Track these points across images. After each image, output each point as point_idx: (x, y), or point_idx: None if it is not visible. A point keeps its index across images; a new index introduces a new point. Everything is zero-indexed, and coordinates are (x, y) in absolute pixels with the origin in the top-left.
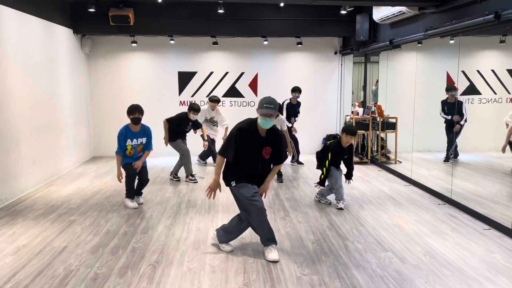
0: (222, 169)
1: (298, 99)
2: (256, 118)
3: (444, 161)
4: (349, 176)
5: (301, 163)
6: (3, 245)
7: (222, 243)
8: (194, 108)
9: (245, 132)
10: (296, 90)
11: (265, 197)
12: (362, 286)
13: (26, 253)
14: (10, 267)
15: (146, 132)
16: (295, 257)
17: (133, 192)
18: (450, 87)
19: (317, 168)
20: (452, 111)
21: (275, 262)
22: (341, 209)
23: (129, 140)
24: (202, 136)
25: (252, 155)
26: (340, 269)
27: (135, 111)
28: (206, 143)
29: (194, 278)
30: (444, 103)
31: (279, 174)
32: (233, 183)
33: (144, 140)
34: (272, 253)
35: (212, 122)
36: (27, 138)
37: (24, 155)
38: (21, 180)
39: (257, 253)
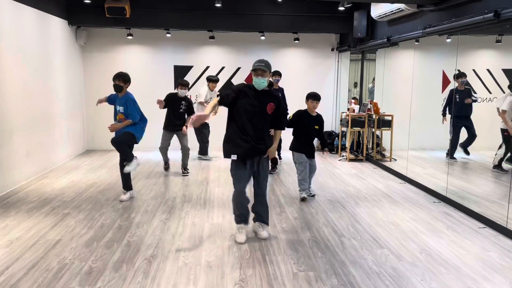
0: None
1: (280, 85)
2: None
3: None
4: (324, 144)
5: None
6: None
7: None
8: (182, 82)
9: (240, 89)
10: (276, 74)
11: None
12: (358, 283)
13: (19, 246)
14: (3, 260)
15: (125, 101)
16: (291, 253)
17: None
18: (460, 73)
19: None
20: (464, 98)
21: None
22: (304, 199)
23: (117, 106)
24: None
25: (251, 112)
26: (337, 266)
27: (115, 78)
28: (185, 129)
29: (190, 273)
30: (454, 91)
31: (275, 162)
32: (234, 157)
33: (121, 109)
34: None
35: None
36: (20, 130)
37: (17, 147)
38: (14, 172)
39: (254, 249)
